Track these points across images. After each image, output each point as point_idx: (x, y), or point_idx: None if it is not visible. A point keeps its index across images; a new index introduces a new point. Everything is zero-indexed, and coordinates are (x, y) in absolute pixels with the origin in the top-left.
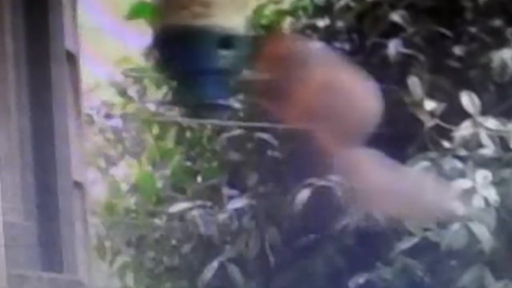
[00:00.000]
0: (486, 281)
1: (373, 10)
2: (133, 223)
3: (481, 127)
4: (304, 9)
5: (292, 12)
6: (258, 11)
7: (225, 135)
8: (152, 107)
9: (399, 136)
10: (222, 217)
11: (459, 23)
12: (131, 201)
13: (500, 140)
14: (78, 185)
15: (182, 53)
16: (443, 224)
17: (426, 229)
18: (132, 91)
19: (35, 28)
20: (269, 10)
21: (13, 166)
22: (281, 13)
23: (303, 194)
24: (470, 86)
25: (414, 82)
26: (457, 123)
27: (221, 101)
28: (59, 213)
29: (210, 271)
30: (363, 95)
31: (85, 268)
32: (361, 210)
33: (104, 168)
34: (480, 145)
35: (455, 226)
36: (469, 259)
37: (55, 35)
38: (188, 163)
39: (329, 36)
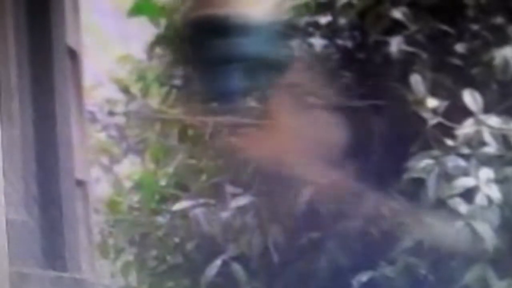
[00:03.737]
0: (489, 279)
1: (375, 7)
2: (136, 221)
3: (484, 125)
4: (307, 5)
5: (294, 8)
6: None
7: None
8: (155, 104)
9: (402, 134)
10: (225, 215)
11: (461, 20)
12: (134, 199)
13: (503, 138)
14: (81, 183)
15: (206, 44)
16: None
17: None
18: (135, 89)
19: (37, 25)
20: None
21: (15, 164)
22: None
23: (306, 192)
24: (472, 84)
25: (416, 80)
26: (459, 121)
27: (238, 92)
28: (62, 211)
29: (213, 269)
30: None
31: (89, 266)
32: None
33: (107, 166)
34: (483, 143)
35: (458, 224)
36: (472, 258)
37: (57, 32)
38: (192, 161)
39: (331, 33)
